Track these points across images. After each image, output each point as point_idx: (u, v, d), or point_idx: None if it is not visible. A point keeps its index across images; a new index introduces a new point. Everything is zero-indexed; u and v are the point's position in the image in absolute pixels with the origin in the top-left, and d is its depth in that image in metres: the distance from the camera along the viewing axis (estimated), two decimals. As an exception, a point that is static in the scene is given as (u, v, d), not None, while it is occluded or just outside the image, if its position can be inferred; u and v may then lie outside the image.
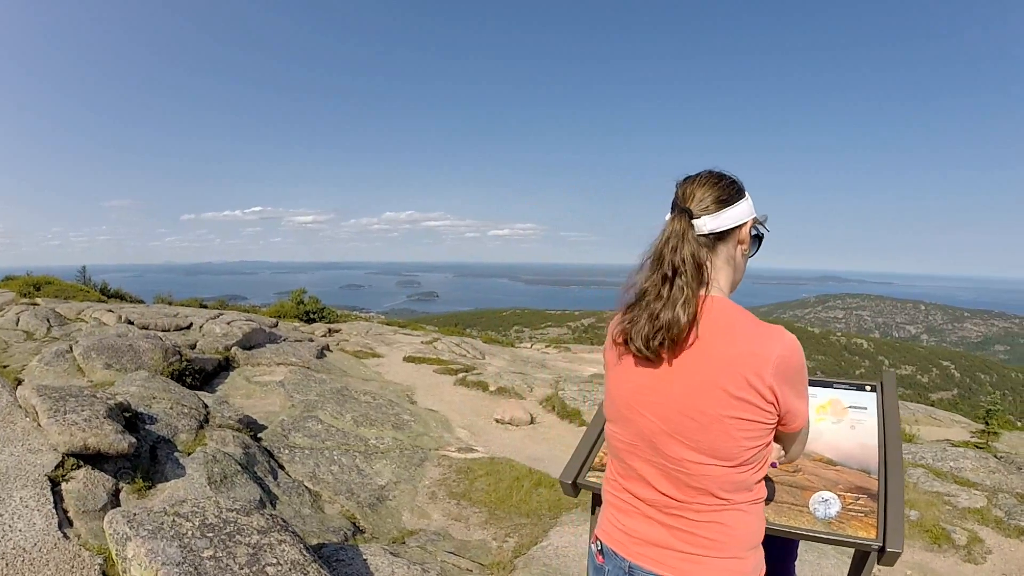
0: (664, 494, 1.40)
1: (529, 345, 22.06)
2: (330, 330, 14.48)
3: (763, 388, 1.30)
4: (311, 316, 16.47)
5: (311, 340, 11.45)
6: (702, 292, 1.37)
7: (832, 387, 2.38)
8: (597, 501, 2.18)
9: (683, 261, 1.38)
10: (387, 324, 18.94)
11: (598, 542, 1.53)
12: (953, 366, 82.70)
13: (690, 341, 1.34)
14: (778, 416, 1.35)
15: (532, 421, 7.67)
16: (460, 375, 9.93)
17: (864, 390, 2.32)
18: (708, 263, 1.40)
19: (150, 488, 3.34)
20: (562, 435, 7.30)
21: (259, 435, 5.06)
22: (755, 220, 1.51)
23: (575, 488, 2.12)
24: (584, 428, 7.68)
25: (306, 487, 4.35)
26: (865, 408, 2.25)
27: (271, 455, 4.71)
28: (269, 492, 4.00)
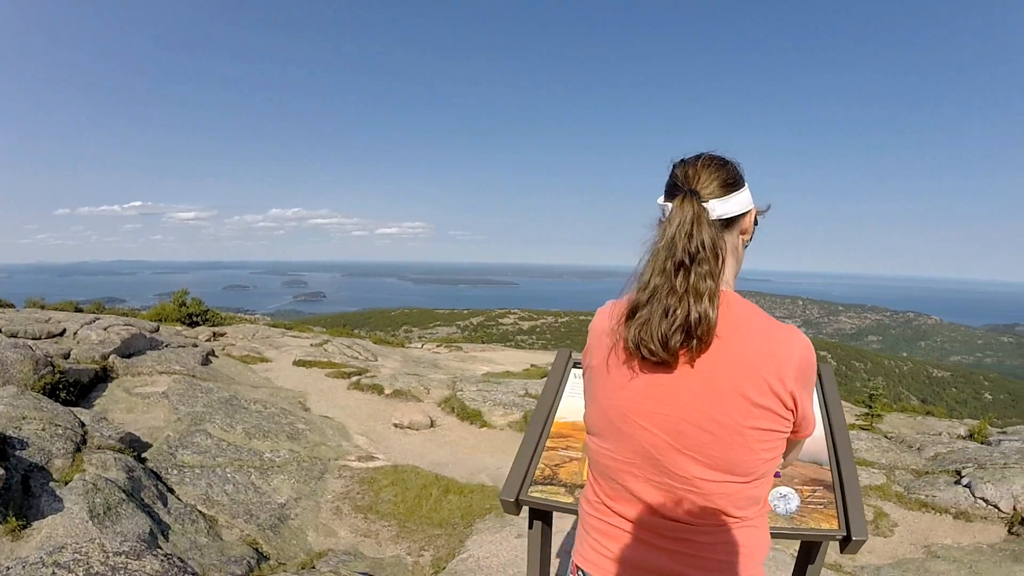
0: (667, 517, 1.22)
1: (420, 345, 21.83)
2: (215, 334, 13.72)
3: (784, 394, 1.18)
4: (194, 319, 15.55)
5: (195, 345, 10.78)
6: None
7: None
8: (537, 516, 2.17)
9: (701, 247, 1.19)
10: (274, 326, 18.19)
11: (580, 572, 1.33)
12: (830, 356, 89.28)
13: (709, 342, 1.17)
14: (793, 423, 1.23)
15: (432, 424, 7.56)
16: (354, 378, 9.66)
17: None
18: (724, 252, 1.23)
19: (25, 527, 3.00)
20: (464, 437, 7.24)
21: (143, 455, 4.68)
22: (758, 210, 1.36)
23: (518, 506, 2.07)
24: (486, 430, 7.69)
25: (200, 512, 4.06)
26: None
27: (158, 477, 4.36)
28: (160, 522, 3.70)
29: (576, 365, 2.56)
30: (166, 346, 9.78)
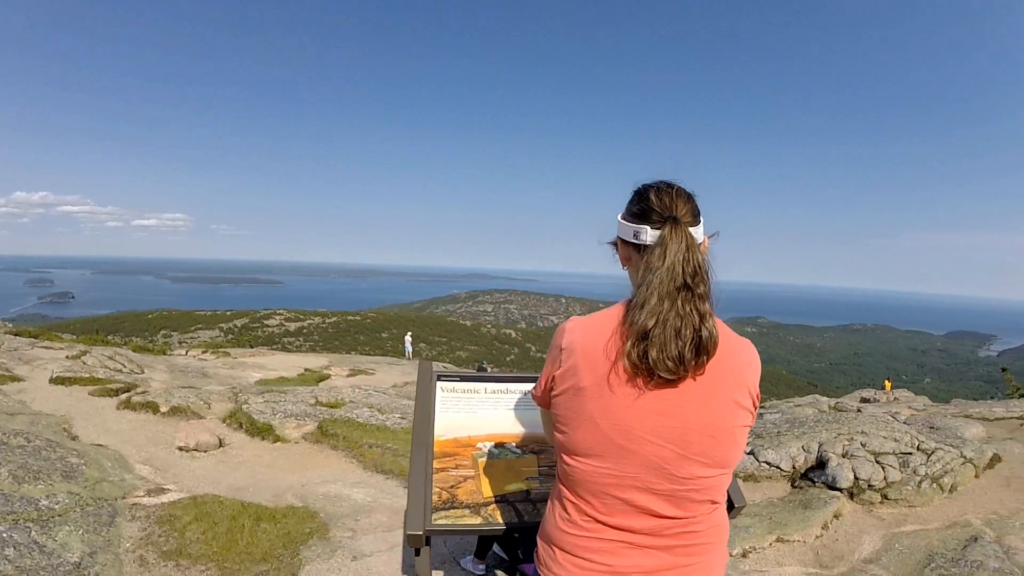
0: (666, 516, 1.34)
1: (184, 352, 20.12)
2: (-65, 349, 11.50)
3: (754, 395, 1.38)
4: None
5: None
6: None
7: None
8: (426, 540, 2.01)
9: (697, 270, 1.33)
10: (17, 334, 15.65)
11: None
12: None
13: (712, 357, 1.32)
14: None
15: (221, 444, 6.96)
16: (123, 396, 8.56)
17: None
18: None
19: None
20: (258, 455, 6.76)
21: None
22: (708, 237, 1.48)
23: (427, 539, 1.95)
24: (280, 444, 7.27)
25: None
26: None
27: None
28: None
29: (441, 378, 2.48)
30: None
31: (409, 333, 38.16)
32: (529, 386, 2.50)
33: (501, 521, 2.04)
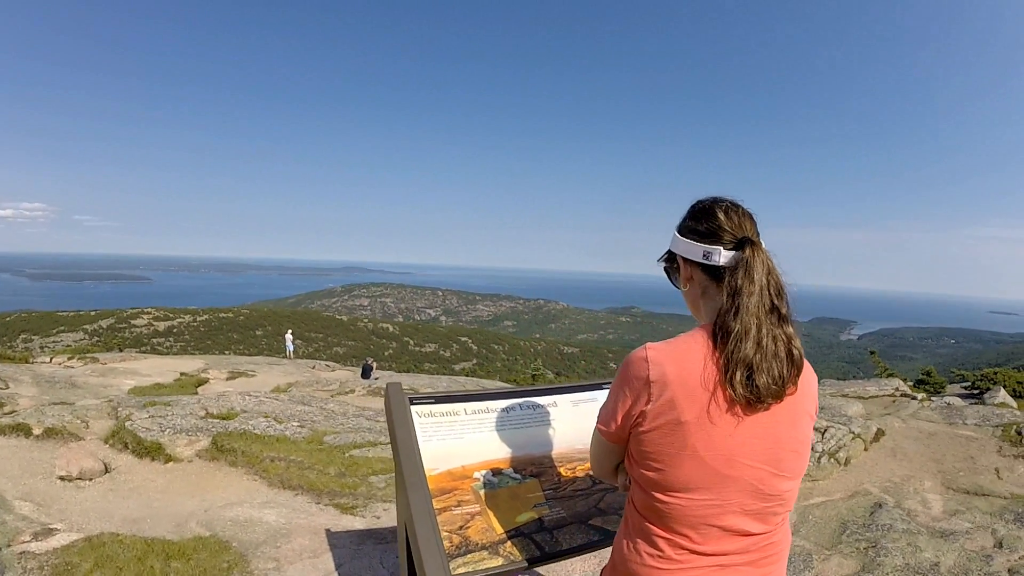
0: (756, 534, 1.35)
1: (48, 359, 18.53)
2: None
3: (817, 405, 1.43)
4: None
5: None
6: None
7: (602, 388, 2.53)
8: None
9: (780, 291, 1.34)
10: None
11: None
12: (471, 341, 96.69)
13: None
14: None
15: (107, 469, 6.35)
16: (-14, 419, 7.74)
17: None
18: None
19: None
20: (150, 480, 6.25)
21: None
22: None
23: None
24: (172, 465, 6.78)
25: None
26: None
27: None
28: None
29: (414, 401, 2.20)
30: None
31: (290, 331, 36.94)
32: (510, 402, 2.34)
33: (522, 557, 1.89)
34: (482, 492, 2.05)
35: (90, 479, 6.06)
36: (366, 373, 21.11)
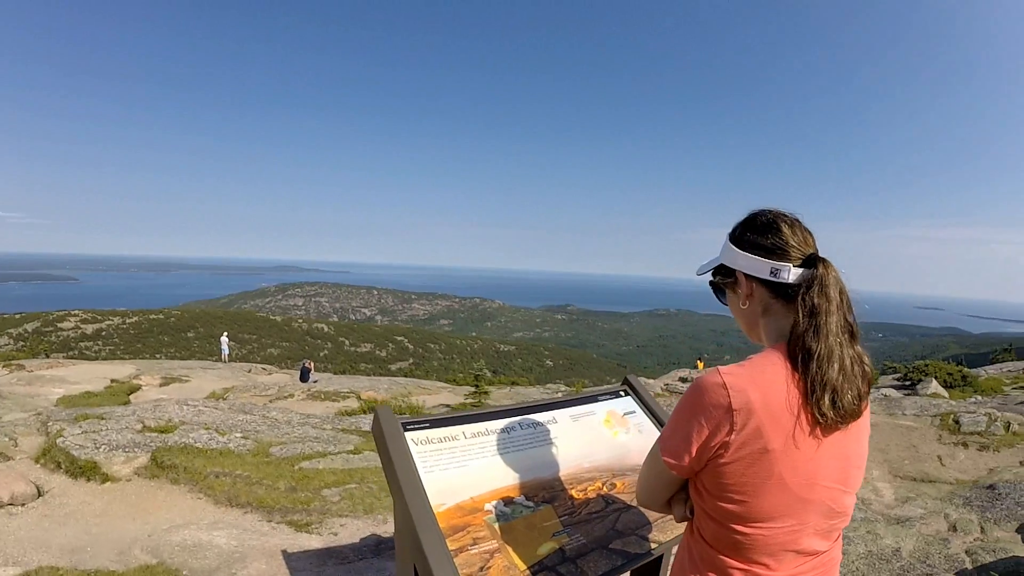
0: (822, 551, 1.34)
1: (-28, 369, 17.46)
2: None
3: None
4: None
5: None
6: None
7: (598, 400, 2.42)
8: None
9: (851, 309, 1.32)
10: None
11: None
12: (407, 340, 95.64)
13: None
14: None
15: (40, 493, 5.92)
16: (-95, 438, 7.13)
17: (620, 395, 2.47)
18: None
19: None
20: (87, 502, 5.85)
21: None
22: None
23: None
24: (110, 484, 6.41)
25: None
26: (634, 412, 2.42)
27: None
28: None
29: (408, 428, 1.93)
30: None
31: (225, 333, 35.95)
32: (508, 421, 2.14)
33: None
34: (497, 526, 1.83)
35: (23, 504, 5.67)
36: (304, 376, 20.76)
